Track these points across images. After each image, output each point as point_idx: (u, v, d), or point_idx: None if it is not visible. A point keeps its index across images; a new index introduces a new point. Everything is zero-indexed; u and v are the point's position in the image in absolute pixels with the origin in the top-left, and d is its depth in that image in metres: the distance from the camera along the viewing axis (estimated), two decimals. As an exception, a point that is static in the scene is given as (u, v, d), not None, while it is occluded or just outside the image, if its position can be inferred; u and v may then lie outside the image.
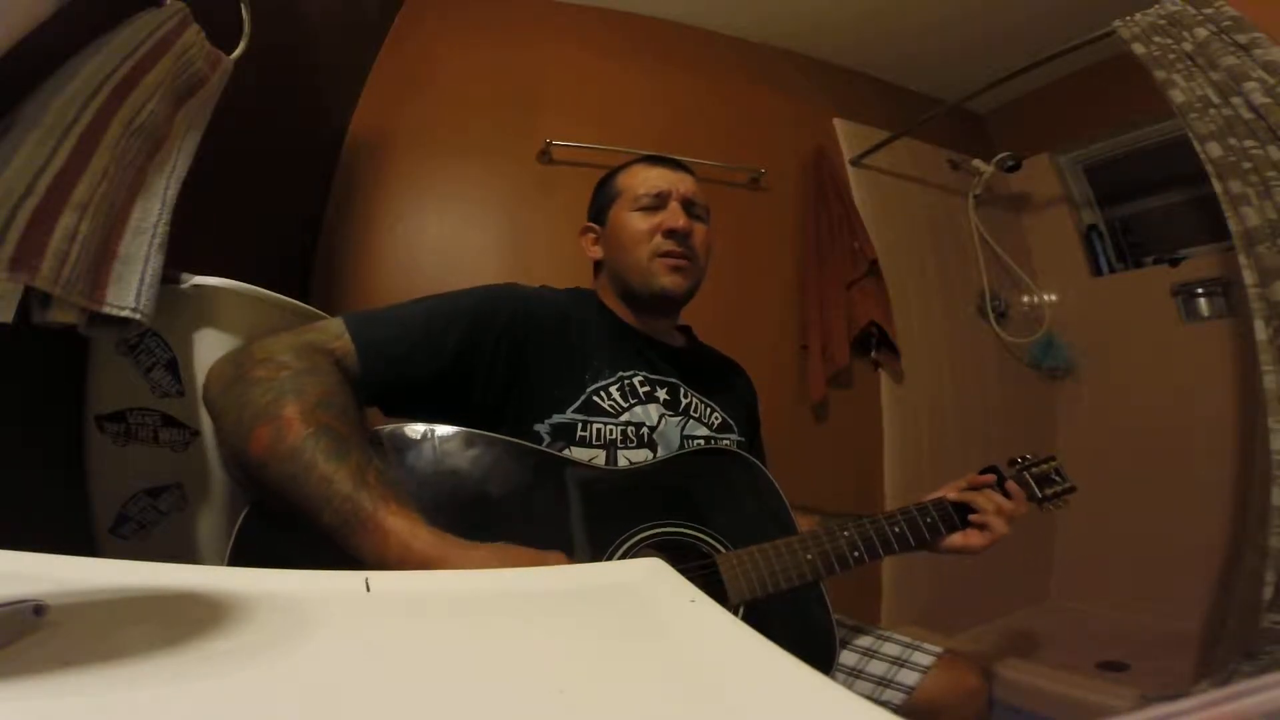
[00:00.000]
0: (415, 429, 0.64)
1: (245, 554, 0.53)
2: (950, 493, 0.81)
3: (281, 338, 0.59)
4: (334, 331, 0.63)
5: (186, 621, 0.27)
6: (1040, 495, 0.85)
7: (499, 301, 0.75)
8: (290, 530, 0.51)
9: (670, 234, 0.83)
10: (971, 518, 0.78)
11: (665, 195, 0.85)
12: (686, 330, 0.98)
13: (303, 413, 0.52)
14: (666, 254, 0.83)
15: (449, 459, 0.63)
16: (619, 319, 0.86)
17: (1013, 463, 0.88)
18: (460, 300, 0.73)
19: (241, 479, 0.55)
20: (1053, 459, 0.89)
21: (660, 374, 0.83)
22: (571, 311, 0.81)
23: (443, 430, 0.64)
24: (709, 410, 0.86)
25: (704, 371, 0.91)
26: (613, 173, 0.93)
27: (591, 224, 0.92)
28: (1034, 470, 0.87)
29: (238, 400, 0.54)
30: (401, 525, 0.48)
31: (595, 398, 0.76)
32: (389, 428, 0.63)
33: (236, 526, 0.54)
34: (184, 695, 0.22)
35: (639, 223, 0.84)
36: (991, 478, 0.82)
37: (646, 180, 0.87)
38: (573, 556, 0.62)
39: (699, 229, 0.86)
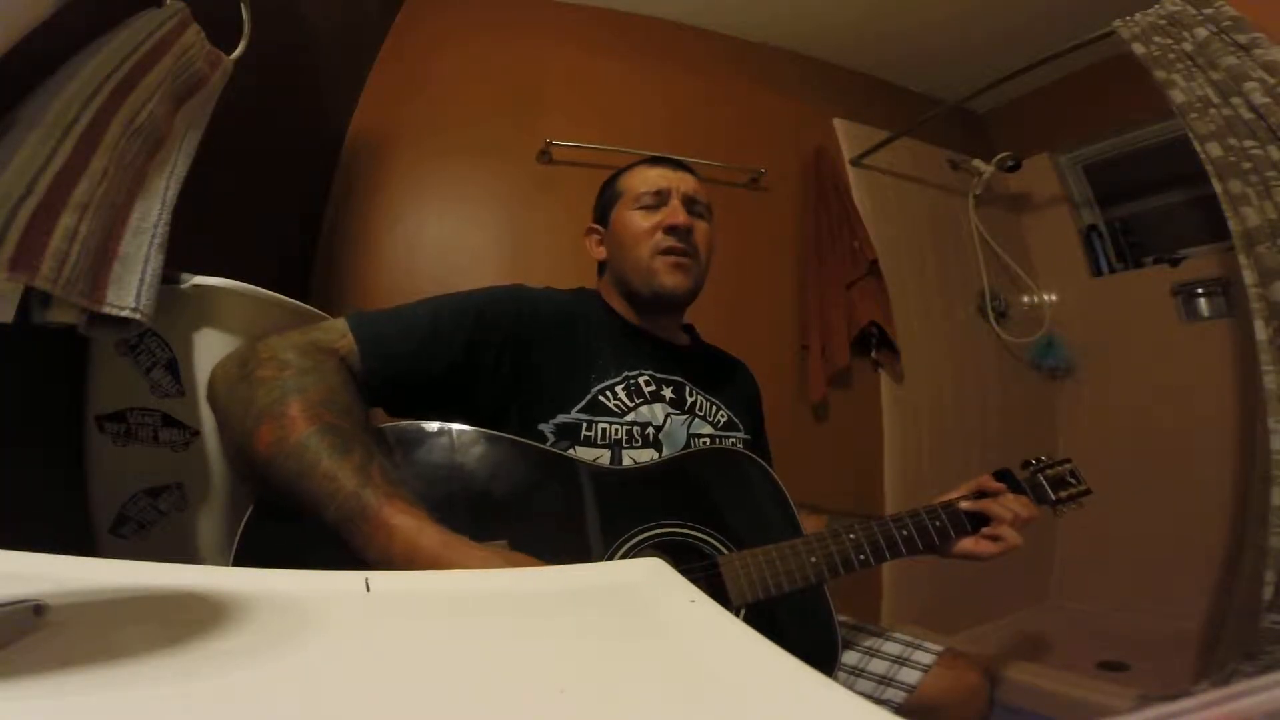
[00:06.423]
0: (420, 427, 0.64)
1: (251, 552, 0.53)
2: (963, 499, 0.80)
3: (286, 336, 0.60)
4: (339, 330, 0.64)
5: (186, 621, 0.27)
6: (1054, 498, 0.84)
7: (504, 302, 0.75)
8: (296, 528, 0.51)
9: (671, 230, 0.83)
10: (985, 530, 0.77)
11: (666, 193, 0.85)
12: (690, 329, 0.98)
13: (306, 411, 0.52)
14: (667, 251, 0.83)
15: (453, 457, 0.63)
16: (623, 319, 0.87)
17: (1026, 465, 0.87)
18: (465, 300, 0.73)
19: (247, 477, 0.55)
20: (1068, 461, 0.88)
21: (666, 373, 0.83)
22: (577, 311, 0.81)
23: (447, 428, 0.64)
24: (714, 408, 0.86)
25: (709, 370, 0.91)
26: (616, 174, 0.93)
27: (595, 225, 0.93)
28: (1048, 472, 0.86)
29: (242, 399, 0.54)
30: (408, 522, 0.48)
31: (601, 397, 0.76)
32: (394, 426, 0.63)
33: (242, 525, 0.54)
34: (184, 695, 0.22)
35: (640, 221, 0.85)
36: (1003, 486, 0.81)
37: (647, 179, 0.87)
38: (575, 556, 0.62)
39: (700, 226, 0.86)
